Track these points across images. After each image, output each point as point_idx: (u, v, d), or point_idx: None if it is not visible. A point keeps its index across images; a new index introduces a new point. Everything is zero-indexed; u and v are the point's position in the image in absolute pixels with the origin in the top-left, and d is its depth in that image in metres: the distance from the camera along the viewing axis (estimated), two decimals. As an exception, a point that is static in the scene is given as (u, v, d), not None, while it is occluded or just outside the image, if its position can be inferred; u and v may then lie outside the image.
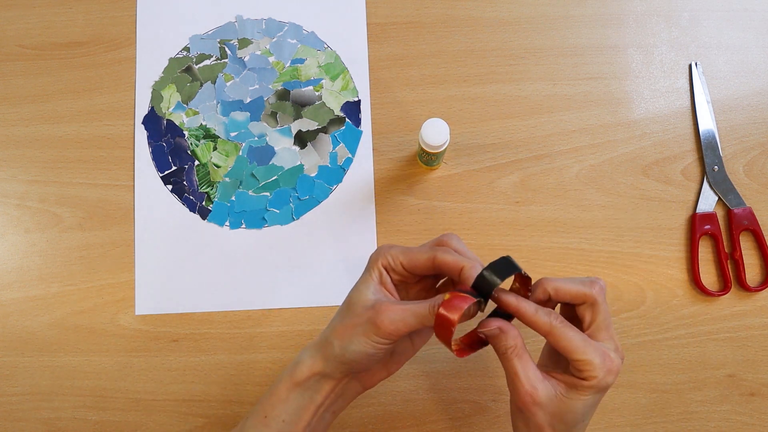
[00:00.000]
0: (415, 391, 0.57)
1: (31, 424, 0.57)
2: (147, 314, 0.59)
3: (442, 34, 0.63)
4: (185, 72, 0.63)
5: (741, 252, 0.59)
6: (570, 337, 0.39)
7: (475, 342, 0.42)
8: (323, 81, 0.63)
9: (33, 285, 0.59)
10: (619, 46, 0.63)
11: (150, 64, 0.63)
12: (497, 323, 0.40)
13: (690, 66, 0.63)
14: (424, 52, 0.63)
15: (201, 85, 0.62)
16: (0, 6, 0.64)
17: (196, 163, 0.61)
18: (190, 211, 0.60)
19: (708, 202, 0.60)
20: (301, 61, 0.63)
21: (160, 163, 0.61)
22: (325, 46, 0.63)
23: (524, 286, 0.41)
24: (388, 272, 0.42)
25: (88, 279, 0.59)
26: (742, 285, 0.58)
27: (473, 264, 0.39)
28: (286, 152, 0.61)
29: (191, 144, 0.61)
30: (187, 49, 0.63)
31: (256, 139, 0.62)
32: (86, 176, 0.61)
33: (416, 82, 0.62)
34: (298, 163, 0.61)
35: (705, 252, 0.60)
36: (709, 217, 0.59)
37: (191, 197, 0.61)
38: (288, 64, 0.63)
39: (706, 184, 0.60)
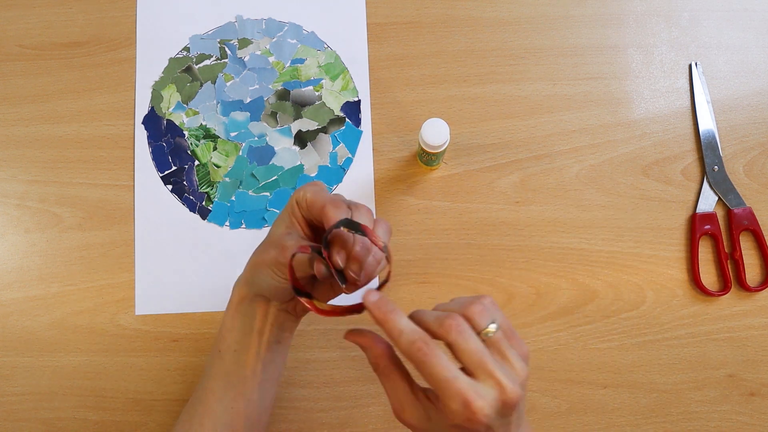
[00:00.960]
0: (415, 391, 0.57)
1: (31, 424, 0.57)
2: (147, 314, 0.59)
3: (442, 34, 0.63)
4: (185, 72, 0.63)
5: (741, 252, 0.59)
6: (433, 371, 0.34)
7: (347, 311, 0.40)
8: (323, 81, 0.63)
9: (33, 285, 0.59)
10: (619, 46, 0.63)
11: (150, 64, 0.63)
12: (368, 336, 0.38)
13: (690, 66, 0.63)
14: (424, 52, 0.63)
15: (201, 85, 0.62)
16: (0, 6, 0.64)
17: (196, 163, 0.61)
18: (190, 211, 0.60)
19: (708, 202, 0.60)
20: (301, 61, 0.63)
21: (160, 163, 0.61)
22: (325, 46, 0.63)
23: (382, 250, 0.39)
24: (299, 206, 0.42)
25: (88, 279, 0.59)
26: (742, 285, 0.58)
27: (335, 222, 0.38)
28: (286, 152, 0.61)
29: (191, 144, 0.61)
30: (187, 49, 0.63)
31: (256, 139, 0.62)
32: (86, 176, 0.61)
33: (416, 82, 0.62)
34: (298, 163, 0.61)
35: (705, 252, 0.60)
36: (709, 217, 0.59)
37: (191, 197, 0.61)
38: (288, 64, 0.63)
39: (706, 184, 0.60)
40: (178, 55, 0.63)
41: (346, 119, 0.62)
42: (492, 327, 0.36)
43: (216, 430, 0.44)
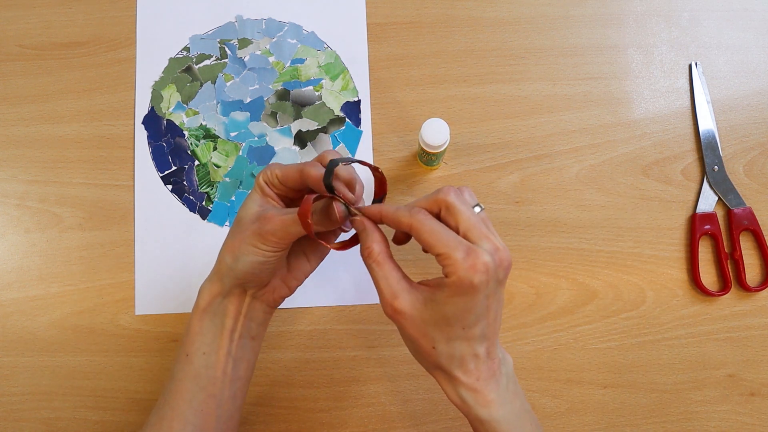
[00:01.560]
0: (415, 391, 0.57)
1: (31, 424, 0.57)
2: (147, 314, 0.59)
3: (442, 34, 0.63)
4: (185, 72, 0.63)
5: (741, 252, 0.59)
6: (432, 229, 0.37)
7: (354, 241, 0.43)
8: (323, 81, 0.63)
9: (33, 285, 0.59)
10: (619, 46, 0.63)
11: (150, 64, 0.63)
12: (367, 223, 0.40)
13: (690, 66, 0.63)
14: (424, 52, 0.63)
15: (201, 85, 0.62)
16: (0, 6, 0.64)
17: (196, 163, 0.61)
18: (190, 211, 0.60)
19: (708, 202, 0.60)
20: (301, 61, 0.63)
21: (160, 163, 0.61)
22: (325, 46, 0.63)
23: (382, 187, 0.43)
24: (269, 186, 0.43)
25: (88, 279, 0.59)
26: (742, 285, 0.58)
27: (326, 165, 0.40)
28: (286, 152, 0.61)
29: (191, 144, 0.61)
30: (187, 49, 0.63)
31: (256, 139, 0.62)
32: (86, 176, 0.61)
33: (416, 82, 0.62)
34: (298, 163, 0.61)
35: (705, 252, 0.60)
36: (709, 217, 0.59)
37: (191, 197, 0.61)
38: (288, 64, 0.63)
39: (706, 184, 0.60)
40: (178, 55, 0.63)
41: (346, 119, 0.62)
42: (478, 209, 0.40)
43: (185, 431, 0.44)
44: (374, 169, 0.42)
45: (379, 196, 0.44)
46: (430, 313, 0.38)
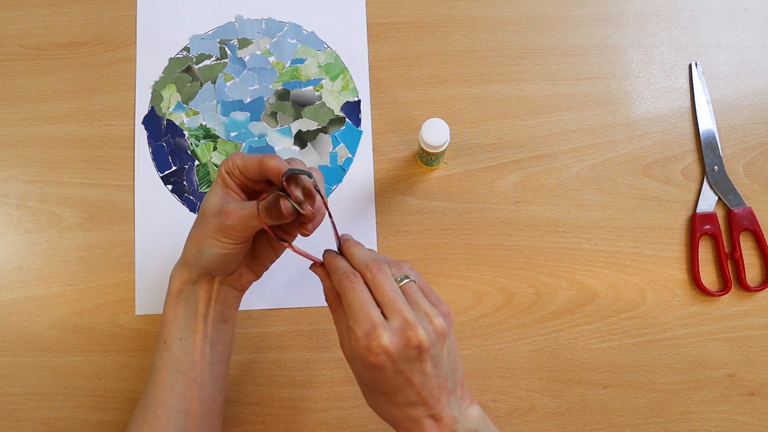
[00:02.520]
0: (415, 391, 0.57)
1: (31, 424, 0.57)
2: (147, 314, 0.59)
3: (442, 34, 0.63)
4: (185, 72, 0.63)
5: (741, 252, 0.59)
6: (349, 300, 0.38)
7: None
8: (323, 81, 0.63)
9: (33, 285, 0.59)
10: (619, 46, 0.63)
11: (150, 64, 0.63)
12: (319, 270, 0.42)
13: (690, 66, 0.63)
14: (424, 52, 0.63)
15: (201, 85, 0.62)
16: (0, 6, 0.64)
17: (196, 163, 0.61)
18: (190, 211, 0.60)
19: (708, 202, 0.60)
20: (301, 61, 0.63)
21: (160, 163, 0.61)
22: (325, 46, 0.63)
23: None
24: (230, 176, 0.43)
25: (88, 279, 0.59)
26: (742, 285, 0.58)
27: (285, 167, 0.40)
28: (286, 152, 0.61)
29: (191, 144, 0.61)
30: (187, 49, 0.63)
31: (256, 139, 0.62)
32: (86, 176, 0.61)
33: (416, 82, 0.62)
34: (298, 163, 0.61)
35: (705, 252, 0.60)
36: (709, 217, 0.59)
37: (191, 197, 0.61)
38: (288, 64, 0.63)
39: (706, 184, 0.60)
40: (178, 55, 0.63)
41: (346, 119, 0.62)
42: (406, 280, 0.40)
43: (170, 418, 0.44)
44: (325, 206, 0.42)
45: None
46: (355, 372, 0.40)
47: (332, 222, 0.42)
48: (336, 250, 0.44)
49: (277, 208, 0.39)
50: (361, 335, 0.36)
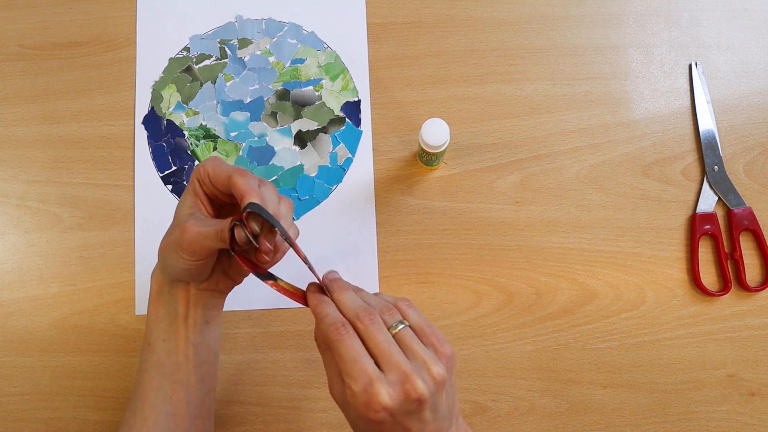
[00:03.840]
0: (415, 391, 0.57)
1: (31, 424, 0.57)
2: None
3: (442, 34, 0.63)
4: (185, 72, 0.63)
5: (741, 252, 0.59)
6: (342, 354, 0.35)
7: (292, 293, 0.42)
8: (323, 81, 0.63)
9: (33, 285, 0.59)
10: (619, 46, 0.63)
11: (150, 64, 0.63)
12: (318, 298, 0.40)
13: (690, 66, 0.63)
14: (424, 52, 0.63)
15: (201, 85, 0.62)
16: (0, 6, 0.64)
17: (196, 163, 0.61)
18: (190, 211, 0.60)
19: (708, 202, 0.60)
20: (301, 61, 0.63)
21: (160, 163, 0.61)
22: (325, 46, 0.63)
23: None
24: (201, 184, 0.42)
25: (88, 279, 0.59)
26: (742, 285, 0.58)
27: (252, 195, 0.38)
28: (286, 152, 0.61)
29: (191, 144, 0.61)
30: (187, 49, 0.63)
31: (256, 139, 0.62)
32: (86, 176, 0.61)
33: (416, 82, 0.62)
34: (298, 163, 0.61)
35: (705, 252, 0.60)
36: (709, 217, 0.59)
37: (191, 197, 0.61)
38: (288, 64, 0.63)
39: (706, 184, 0.60)
40: (178, 55, 0.63)
41: (346, 119, 0.62)
42: (400, 326, 0.37)
43: (158, 420, 0.44)
44: (302, 257, 0.40)
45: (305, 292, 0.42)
46: (348, 418, 0.37)
47: (307, 264, 0.39)
48: (317, 282, 0.41)
49: (233, 235, 0.38)
50: (359, 391, 0.34)
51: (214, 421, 0.48)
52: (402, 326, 0.38)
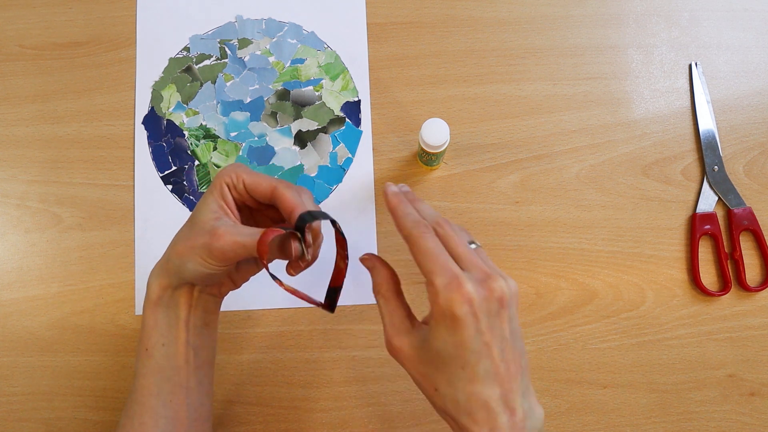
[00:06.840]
0: (415, 391, 0.57)
1: (31, 424, 0.57)
2: (147, 314, 0.59)
3: (442, 34, 0.63)
4: (185, 72, 0.63)
5: (741, 252, 0.59)
6: (423, 249, 0.35)
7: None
8: (323, 81, 0.63)
9: (33, 285, 0.59)
10: (619, 46, 0.63)
11: (150, 64, 0.63)
12: (377, 259, 0.40)
13: (690, 66, 0.63)
14: (424, 52, 0.63)
15: (201, 85, 0.62)
16: (0, 6, 0.64)
17: (196, 163, 0.61)
18: (190, 211, 0.60)
19: (708, 202, 0.60)
20: (301, 61, 0.63)
21: (160, 163, 0.61)
22: (325, 46, 0.63)
23: (343, 248, 0.42)
24: (230, 190, 0.42)
25: (88, 279, 0.59)
26: (742, 285, 0.58)
27: (299, 208, 0.39)
28: (286, 152, 0.61)
29: (191, 144, 0.61)
30: (187, 49, 0.63)
31: (256, 139, 0.62)
32: (86, 176, 0.61)
33: (416, 82, 0.62)
34: (298, 163, 0.61)
35: (705, 252, 0.60)
36: (709, 217, 0.59)
37: (191, 197, 0.61)
38: (288, 64, 0.63)
39: (706, 184, 0.60)
40: (178, 55, 0.63)
41: (346, 119, 0.62)
42: (472, 245, 0.38)
43: (158, 425, 0.44)
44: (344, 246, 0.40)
45: (337, 284, 0.43)
46: (426, 352, 0.36)
47: (346, 259, 0.41)
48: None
49: (283, 248, 0.38)
50: (442, 286, 0.33)
51: (212, 421, 0.48)
52: (474, 245, 0.38)
